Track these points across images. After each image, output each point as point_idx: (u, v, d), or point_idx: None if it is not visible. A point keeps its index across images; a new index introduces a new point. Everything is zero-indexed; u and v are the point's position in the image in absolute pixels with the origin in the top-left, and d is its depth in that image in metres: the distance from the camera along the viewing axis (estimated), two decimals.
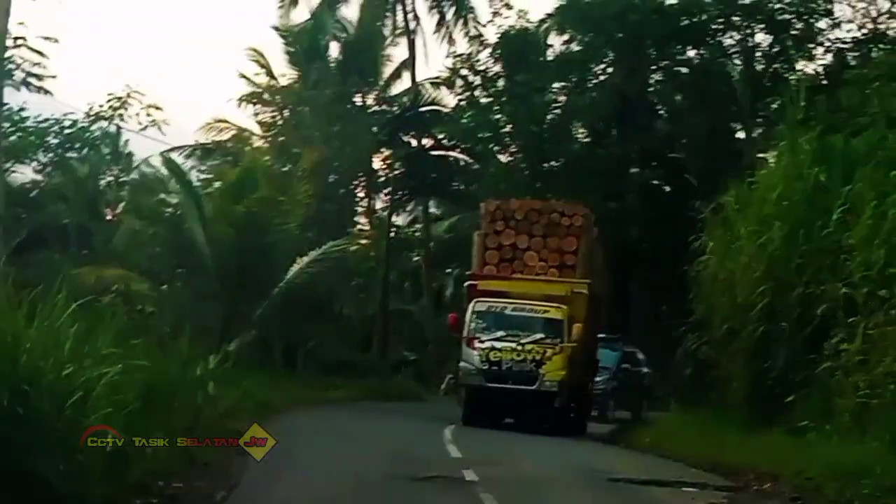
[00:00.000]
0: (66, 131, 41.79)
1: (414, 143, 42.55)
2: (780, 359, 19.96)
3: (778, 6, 37.29)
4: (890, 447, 15.08)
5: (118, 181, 41.92)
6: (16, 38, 32.28)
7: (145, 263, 30.78)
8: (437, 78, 42.26)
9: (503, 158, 39.58)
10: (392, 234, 41.36)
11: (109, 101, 41.66)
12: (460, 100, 39.34)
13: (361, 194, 41.41)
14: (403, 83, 42.99)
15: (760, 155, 30.37)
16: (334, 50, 41.20)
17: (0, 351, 9.19)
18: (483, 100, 38.71)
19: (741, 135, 40.40)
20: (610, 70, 38.73)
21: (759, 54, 39.94)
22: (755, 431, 19.67)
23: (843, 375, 18.07)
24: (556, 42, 40.20)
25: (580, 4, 37.48)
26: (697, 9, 37.46)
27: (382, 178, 41.62)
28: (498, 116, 38.58)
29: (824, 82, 35.69)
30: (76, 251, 38.18)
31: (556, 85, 39.21)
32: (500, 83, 38.54)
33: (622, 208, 38.12)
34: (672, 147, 39.61)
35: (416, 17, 42.93)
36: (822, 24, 38.26)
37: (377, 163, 41.65)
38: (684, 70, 38.64)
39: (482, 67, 38.41)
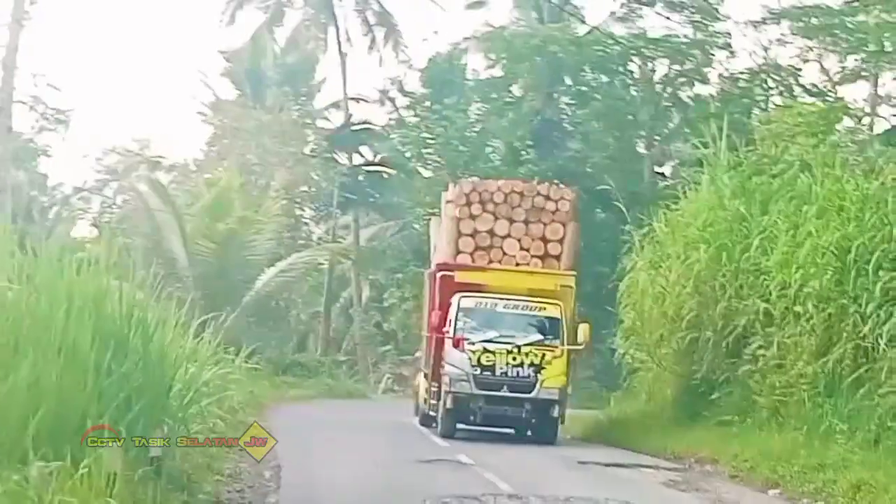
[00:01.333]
0: None
1: (346, 159, 45.41)
2: (706, 362, 23.32)
3: (683, 41, 41.09)
4: (807, 435, 18.48)
5: None
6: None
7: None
8: (367, 98, 45.19)
9: (427, 173, 42.68)
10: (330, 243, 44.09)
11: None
12: (390, 119, 42.38)
13: (304, 210, 44.04)
14: (336, 102, 45.84)
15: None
16: (273, 71, 43.88)
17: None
18: (411, 119, 41.83)
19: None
20: (529, 94, 42.03)
21: (658, 80, 43.83)
22: (684, 425, 23.04)
23: (760, 377, 21.50)
24: (478, 65, 43.64)
25: (504, 35, 40.76)
26: (611, 41, 40.94)
27: (315, 192, 44.32)
28: (424, 135, 41.72)
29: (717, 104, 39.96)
30: None
31: (477, 106, 42.52)
32: (427, 104, 41.71)
33: None
34: (584, 166, 43.00)
35: (349, 40, 45.92)
36: (721, 54, 42.37)
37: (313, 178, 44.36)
38: (597, 96, 42.08)
39: (410, 90, 41.54)
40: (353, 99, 44.78)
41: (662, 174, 44.50)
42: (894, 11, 34.04)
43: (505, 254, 23.77)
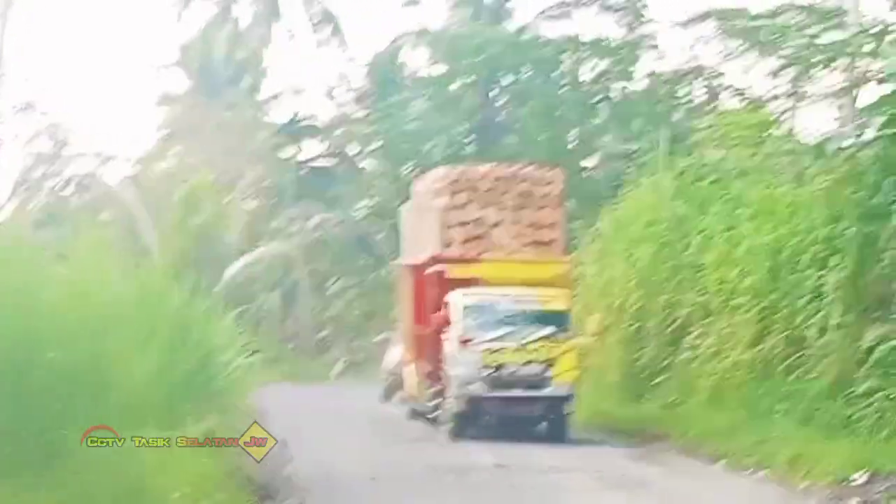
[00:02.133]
0: None
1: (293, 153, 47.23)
2: (649, 349, 25.72)
3: (614, 43, 43.57)
4: (747, 415, 20.86)
5: None
6: None
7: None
8: (313, 94, 47.11)
9: (371, 167, 44.72)
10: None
11: None
12: (336, 114, 44.29)
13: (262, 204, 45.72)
14: (280, 97, 47.65)
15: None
16: (222, 66, 45.55)
17: None
18: (355, 115, 43.82)
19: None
20: (469, 91, 44.18)
21: (588, 79, 46.27)
22: (631, 407, 25.36)
23: (700, 364, 23.90)
24: (420, 62, 45.73)
25: (447, 36, 42.88)
26: (548, 44, 43.24)
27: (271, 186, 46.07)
28: (368, 129, 43.75)
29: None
30: None
31: (419, 101, 44.59)
32: (371, 100, 43.72)
33: None
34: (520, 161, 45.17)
35: (294, 37, 47.79)
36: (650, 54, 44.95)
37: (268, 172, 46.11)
38: (532, 94, 44.30)
39: (356, 86, 43.50)
40: (297, 92, 46.74)
41: (586, 168, 46.90)
42: (815, 24, 36.77)
43: (496, 243, 22.85)
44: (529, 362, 21.18)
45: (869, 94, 30.04)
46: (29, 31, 75.65)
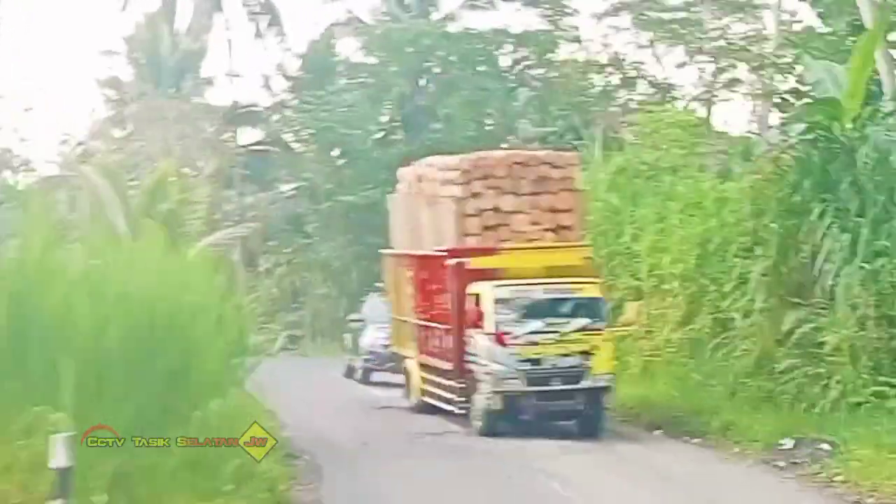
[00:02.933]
0: None
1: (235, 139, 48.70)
2: None
3: (538, 35, 45.86)
4: (676, 389, 23.17)
5: None
6: None
7: None
8: (252, 82, 48.61)
9: (307, 151, 46.46)
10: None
11: None
12: (273, 101, 45.98)
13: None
14: (215, 82, 49.21)
15: None
16: (168, 55, 46.90)
17: None
18: (291, 102, 45.54)
19: None
20: (400, 81, 46.00)
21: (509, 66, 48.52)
22: None
23: (632, 341, 26.20)
24: (351, 51, 47.54)
25: (381, 28, 44.73)
26: (476, 36, 45.30)
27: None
28: (302, 116, 45.43)
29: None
30: None
31: (351, 90, 46.36)
32: (306, 88, 45.42)
33: None
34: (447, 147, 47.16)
35: (231, 28, 49.22)
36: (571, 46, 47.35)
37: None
38: (460, 84, 46.19)
39: (293, 74, 45.17)
40: (235, 76, 48.26)
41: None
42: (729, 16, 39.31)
43: (515, 231, 21.97)
44: (567, 355, 20.29)
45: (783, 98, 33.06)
46: None
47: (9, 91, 52.42)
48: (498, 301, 20.35)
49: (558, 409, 20.41)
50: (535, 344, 20.16)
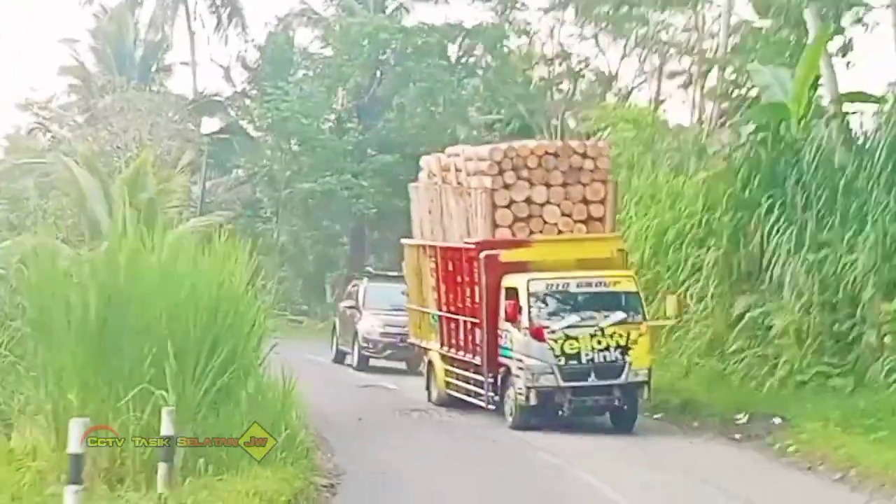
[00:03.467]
0: None
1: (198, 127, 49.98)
2: None
3: (490, 29, 47.60)
4: None
5: None
6: None
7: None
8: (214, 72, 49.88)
9: (266, 139, 47.89)
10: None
11: None
12: (233, 91, 47.38)
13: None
14: (188, 76, 50.59)
15: None
16: (134, 47, 48.13)
17: None
18: (251, 92, 46.99)
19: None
20: (357, 73, 47.47)
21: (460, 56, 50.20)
22: None
23: None
24: (307, 41, 49.01)
25: (340, 22, 46.25)
26: (431, 30, 46.89)
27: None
28: (262, 106, 46.81)
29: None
30: None
31: (309, 80, 47.82)
32: (265, 79, 46.86)
33: (360, 184, 46.84)
34: (401, 135, 48.71)
35: (197, 19, 50.36)
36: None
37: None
38: (416, 76, 47.68)
39: (253, 65, 46.61)
40: (194, 64, 49.43)
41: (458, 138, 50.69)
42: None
43: (546, 222, 21.45)
44: (605, 349, 19.79)
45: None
46: None
47: None
48: (534, 294, 19.98)
49: (594, 404, 20.08)
50: (571, 338, 19.70)
